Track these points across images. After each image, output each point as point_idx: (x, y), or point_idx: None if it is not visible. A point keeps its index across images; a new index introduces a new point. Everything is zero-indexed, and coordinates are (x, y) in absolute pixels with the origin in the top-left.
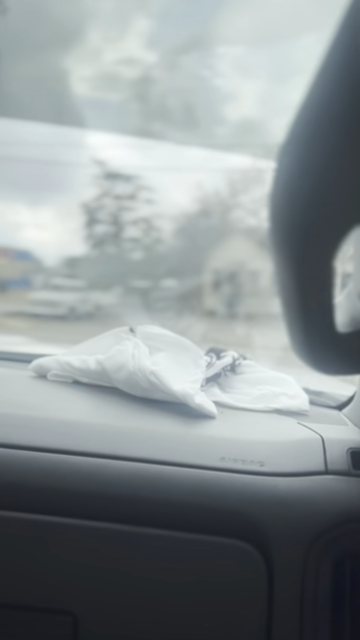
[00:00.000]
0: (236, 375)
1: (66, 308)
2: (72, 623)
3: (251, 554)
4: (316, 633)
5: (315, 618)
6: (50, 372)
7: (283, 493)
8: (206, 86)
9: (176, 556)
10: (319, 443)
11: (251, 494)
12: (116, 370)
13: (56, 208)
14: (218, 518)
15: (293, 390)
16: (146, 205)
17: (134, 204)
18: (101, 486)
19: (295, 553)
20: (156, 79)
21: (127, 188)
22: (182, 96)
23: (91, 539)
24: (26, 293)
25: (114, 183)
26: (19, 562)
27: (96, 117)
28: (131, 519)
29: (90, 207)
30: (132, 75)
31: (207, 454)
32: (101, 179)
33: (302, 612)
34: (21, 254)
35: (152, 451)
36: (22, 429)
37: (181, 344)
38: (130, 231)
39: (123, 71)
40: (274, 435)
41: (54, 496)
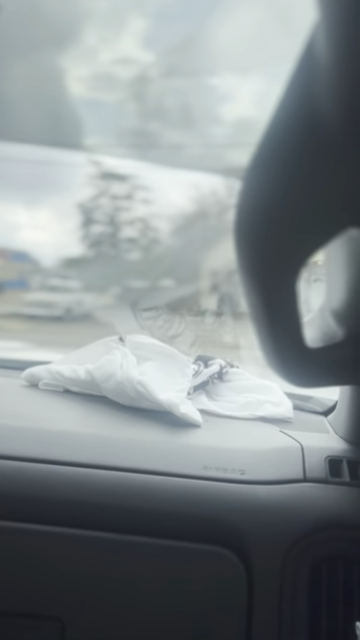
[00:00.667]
0: (223, 383)
1: (62, 309)
2: (59, 629)
3: (231, 560)
4: (294, 634)
5: (293, 621)
6: (41, 381)
7: (262, 501)
8: (202, 86)
9: (158, 562)
10: (298, 451)
11: (232, 502)
12: (105, 380)
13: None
14: (200, 525)
15: (277, 397)
16: (143, 205)
17: (131, 204)
18: (88, 495)
19: (273, 558)
20: (152, 79)
21: (123, 188)
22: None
23: (78, 547)
24: (23, 294)
25: (110, 183)
26: (7, 569)
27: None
28: (117, 527)
29: (86, 207)
30: (128, 75)
31: (191, 463)
32: (97, 179)
33: (280, 614)
34: (18, 255)
35: (137, 460)
36: (11, 440)
37: (169, 353)
38: (127, 231)
39: (119, 71)
40: (255, 443)
41: (42, 505)
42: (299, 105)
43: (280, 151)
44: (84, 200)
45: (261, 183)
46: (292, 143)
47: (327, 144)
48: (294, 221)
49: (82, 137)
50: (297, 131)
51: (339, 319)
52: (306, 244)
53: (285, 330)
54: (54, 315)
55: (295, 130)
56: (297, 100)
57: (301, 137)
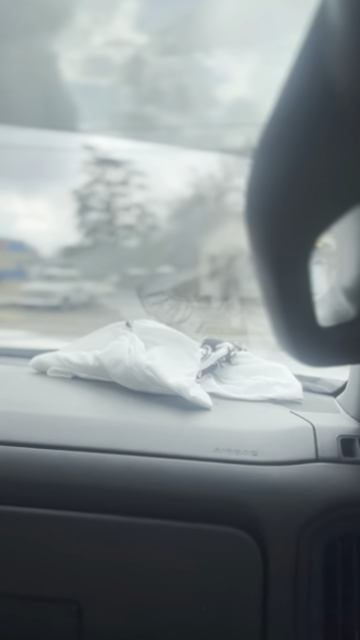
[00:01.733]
0: (232, 366)
1: (60, 298)
2: (77, 611)
3: (245, 540)
4: (310, 614)
5: (308, 599)
6: (50, 368)
7: (275, 481)
8: (198, 67)
9: (173, 544)
10: (310, 431)
11: (244, 483)
12: (113, 365)
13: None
14: (213, 507)
15: (287, 379)
16: (139, 191)
17: (127, 190)
18: (99, 479)
19: (288, 538)
20: (147, 61)
21: (119, 174)
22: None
23: (91, 530)
24: (21, 284)
25: (106, 169)
26: (23, 554)
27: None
28: (130, 510)
29: (82, 194)
30: (122, 58)
31: (202, 445)
32: (93, 165)
33: (296, 594)
34: (15, 245)
35: (148, 444)
36: (22, 426)
37: (176, 337)
38: (124, 218)
39: (113, 54)
40: (267, 425)
41: (54, 490)
42: (310, 76)
43: (291, 125)
44: (80, 187)
45: (272, 159)
46: (303, 116)
47: (340, 116)
48: (306, 197)
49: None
50: (308, 104)
51: (351, 297)
52: (318, 220)
53: (297, 309)
54: (52, 305)
55: (306, 103)
56: (308, 71)
57: (313, 110)
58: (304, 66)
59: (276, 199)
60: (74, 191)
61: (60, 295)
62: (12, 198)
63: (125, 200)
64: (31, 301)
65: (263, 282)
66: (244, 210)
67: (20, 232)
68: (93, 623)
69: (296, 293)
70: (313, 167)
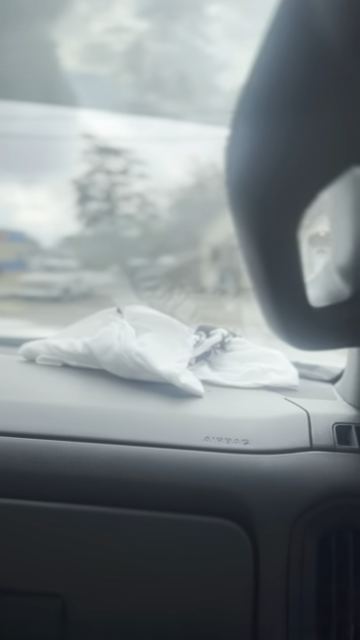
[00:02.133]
0: (226, 352)
1: (60, 289)
2: (60, 606)
3: (236, 532)
4: (302, 609)
5: (301, 594)
6: (39, 356)
7: (267, 470)
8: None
9: (161, 537)
10: (304, 419)
11: (235, 472)
12: (103, 352)
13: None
14: (202, 497)
15: (282, 366)
16: (140, 180)
17: (128, 179)
18: (85, 470)
19: (280, 530)
20: (147, 49)
21: (120, 162)
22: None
23: (77, 523)
24: (21, 275)
25: (107, 158)
26: (4, 547)
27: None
28: (116, 501)
29: (82, 184)
30: (122, 45)
31: (191, 434)
32: (94, 154)
33: (288, 587)
34: (15, 235)
35: (136, 433)
36: (6, 415)
37: (168, 323)
38: (125, 207)
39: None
40: (259, 412)
41: (39, 481)
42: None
43: (272, 86)
44: (80, 176)
45: (251, 128)
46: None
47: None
48: (290, 165)
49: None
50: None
51: (345, 275)
52: (307, 188)
53: (287, 289)
54: (52, 296)
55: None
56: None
57: (297, 66)
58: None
59: (258, 171)
60: (74, 181)
61: (60, 286)
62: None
63: (125, 189)
64: (31, 292)
65: (250, 261)
66: (225, 185)
67: (20, 223)
68: (78, 617)
69: (285, 272)
70: (297, 132)
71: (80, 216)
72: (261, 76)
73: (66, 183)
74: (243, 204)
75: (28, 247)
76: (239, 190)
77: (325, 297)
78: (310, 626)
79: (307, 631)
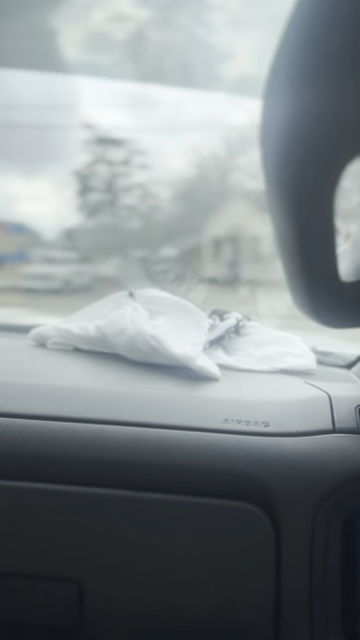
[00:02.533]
0: (240, 337)
1: (61, 281)
2: (77, 590)
3: (257, 516)
4: (326, 594)
5: (325, 579)
6: (50, 340)
7: (289, 453)
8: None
9: (180, 520)
10: (326, 401)
11: (256, 455)
12: (116, 335)
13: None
14: (222, 480)
15: (299, 349)
16: (142, 171)
17: (129, 170)
18: (101, 452)
19: (303, 514)
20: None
21: (121, 153)
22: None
23: (93, 506)
24: (22, 267)
25: (108, 148)
26: (21, 531)
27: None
28: (133, 484)
29: (84, 175)
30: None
31: (209, 416)
32: (95, 145)
33: (311, 573)
34: (16, 227)
35: (153, 415)
36: (18, 397)
37: (182, 307)
38: (126, 199)
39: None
40: (279, 395)
41: (54, 464)
42: None
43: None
44: (81, 167)
45: (285, 92)
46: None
47: None
48: (327, 126)
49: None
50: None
51: None
52: (340, 153)
53: (318, 260)
54: (53, 287)
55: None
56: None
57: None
58: None
59: (293, 136)
60: (75, 171)
61: (61, 278)
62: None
63: (127, 180)
64: (32, 284)
65: (281, 232)
66: (260, 152)
67: (21, 214)
68: (95, 602)
69: (317, 243)
70: (332, 95)
71: (81, 207)
72: (296, 39)
73: (67, 174)
74: (278, 170)
75: (29, 239)
76: (274, 155)
77: (355, 271)
78: (334, 609)
79: (331, 614)
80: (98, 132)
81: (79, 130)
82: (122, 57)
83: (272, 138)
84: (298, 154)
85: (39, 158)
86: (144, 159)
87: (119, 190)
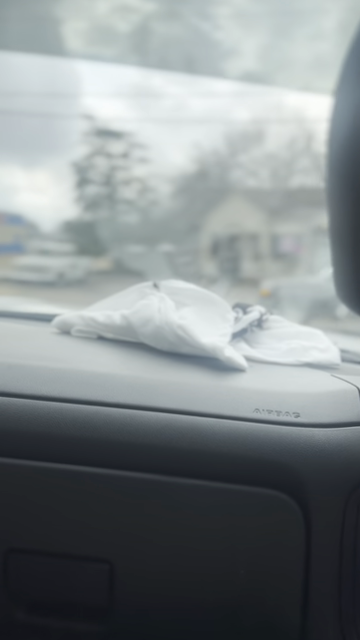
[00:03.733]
0: (263, 330)
1: (55, 274)
2: (108, 571)
3: (288, 504)
4: (355, 584)
5: (354, 567)
6: (74, 328)
7: (321, 443)
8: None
9: (212, 505)
10: (355, 394)
11: (287, 444)
12: (142, 324)
13: (50, 169)
14: (254, 468)
15: (323, 344)
16: (141, 164)
17: (129, 163)
18: (135, 436)
19: (334, 503)
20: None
21: (121, 146)
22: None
23: (126, 489)
24: (17, 259)
25: (109, 141)
26: (54, 511)
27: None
28: (165, 469)
29: (83, 167)
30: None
31: (240, 405)
32: (96, 137)
33: (340, 562)
34: (13, 218)
35: (184, 402)
36: (52, 381)
37: (207, 298)
38: (125, 192)
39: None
40: (308, 387)
41: (88, 447)
42: None
43: None
44: (81, 159)
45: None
46: None
47: None
48: None
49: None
50: None
51: None
52: None
53: None
54: (47, 280)
55: None
56: None
57: None
58: None
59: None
60: (74, 163)
61: (55, 270)
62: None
63: (126, 173)
64: (25, 276)
65: (337, 223)
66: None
67: (19, 205)
68: (125, 583)
69: None
70: None
71: (79, 200)
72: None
73: (67, 165)
74: (343, 163)
75: (26, 230)
76: (341, 148)
77: None
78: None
79: (359, 601)
80: (99, 123)
81: (80, 120)
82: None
83: (341, 130)
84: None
85: (39, 148)
86: (144, 152)
87: (118, 183)
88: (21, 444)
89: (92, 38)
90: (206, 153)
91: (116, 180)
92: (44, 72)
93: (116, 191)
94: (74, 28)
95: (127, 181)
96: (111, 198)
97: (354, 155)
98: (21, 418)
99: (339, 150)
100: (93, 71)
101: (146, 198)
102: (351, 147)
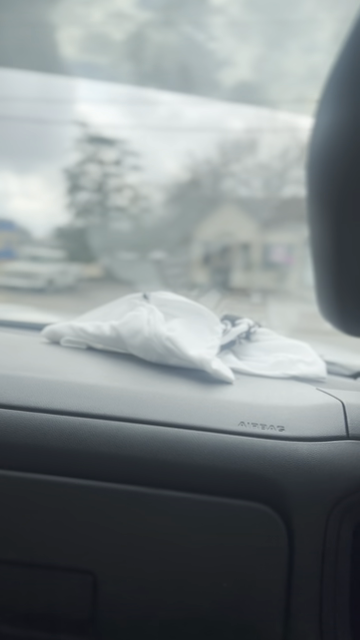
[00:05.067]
0: (251, 343)
1: (44, 280)
2: (92, 582)
3: (271, 517)
4: (336, 597)
5: (335, 581)
6: (63, 338)
7: (304, 457)
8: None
9: (195, 518)
10: (339, 408)
11: (271, 458)
12: (131, 336)
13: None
14: (238, 481)
15: (310, 357)
16: (134, 172)
17: (121, 170)
18: (121, 448)
19: (316, 517)
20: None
21: (114, 153)
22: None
23: (110, 501)
24: (7, 265)
25: (102, 148)
26: (39, 522)
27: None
28: (151, 481)
29: (75, 173)
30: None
31: (226, 418)
32: (89, 144)
33: (322, 575)
34: (4, 224)
35: (170, 414)
36: (39, 392)
37: (196, 310)
38: (117, 200)
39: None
40: (293, 400)
41: (74, 458)
42: None
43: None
44: (72, 166)
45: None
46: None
47: None
48: None
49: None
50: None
51: None
52: None
53: (352, 270)
54: (36, 286)
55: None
56: None
57: None
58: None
59: (340, 149)
60: (66, 170)
61: (44, 277)
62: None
63: (118, 181)
64: (14, 282)
65: (318, 239)
66: (307, 159)
67: (10, 211)
68: (108, 595)
69: (353, 252)
70: None
71: (71, 206)
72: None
73: (59, 171)
74: (322, 178)
75: (17, 236)
76: (320, 163)
77: None
78: (343, 614)
79: (340, 618)
80: (92, 130)
81: (73, 127)
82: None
83: (320, 146)
84: (343, 163)
85: (31, 154)
86: (137, 160)
87: (110, 191)
88: (6, 455)
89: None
90: (199, 162)
91: (108, 187)
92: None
93: (108, 198)
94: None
95: (119, 188)
96: (103, 205)
97: (333, 173)
98: (7, 429)
99: (318, 168)
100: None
101: (138, 206)
102: (330, 164)
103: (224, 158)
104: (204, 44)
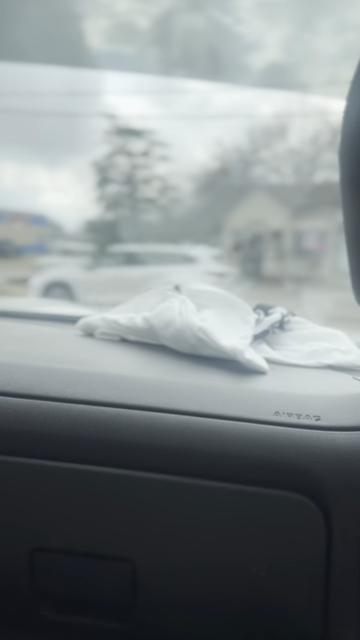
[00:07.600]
0: (285, 332)
1: None
2: (131, 571)
3: (309, 507)
4: None
5: None
6: (97, 330)
7: (341, 447)
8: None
9: (232, 507)
10: None
11: (308, 448)
12: (164, 327)
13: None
14: (275, 471)
15: (346, 346)
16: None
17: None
18: (156, 439)
19: (355, 506)
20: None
21: (142, 144)
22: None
23: (147, 490)
24: (41, 259)
25: (131, 139)
26: (78, 511)
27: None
28: (186, 471)
29: (105, 166)
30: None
31: (261, 408)
32: (117, 135)
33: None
34: (36, 219)
35: (205, 405)
36: (76, 383)
37: (228, 301)
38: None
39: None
40: (329, 390)
41: (110, 448)
42: None
43: None
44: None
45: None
46: None
47: None
48: None
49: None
50: None
51: None
52: None
53: None
54: None
55: None
56: None
57: None
58: None
59: None
60: (96, 163)
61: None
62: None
63: (148, 172)
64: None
65: (352, 223)
66: (340, 143)
67: (41, 205)
68: (147, 583)
69: None
70: None
71: (100, 199)
72: None
73: (88, 165)
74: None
75: (49, 230)
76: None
77: None
78: None
79: None
80: (120, 121)
81: (101, 119)
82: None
83: (354, 129)
84: None
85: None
86: (165, 150)
87: (139, 182)
88: (46, 446)
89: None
90: (228, 149)
91: (137, 179)
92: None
93: (137, 190)
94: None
95: (148, 180)
96: (132, 197)
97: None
98: (46, 420)
99: (352, 151)
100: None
101: (167, 196)
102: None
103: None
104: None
